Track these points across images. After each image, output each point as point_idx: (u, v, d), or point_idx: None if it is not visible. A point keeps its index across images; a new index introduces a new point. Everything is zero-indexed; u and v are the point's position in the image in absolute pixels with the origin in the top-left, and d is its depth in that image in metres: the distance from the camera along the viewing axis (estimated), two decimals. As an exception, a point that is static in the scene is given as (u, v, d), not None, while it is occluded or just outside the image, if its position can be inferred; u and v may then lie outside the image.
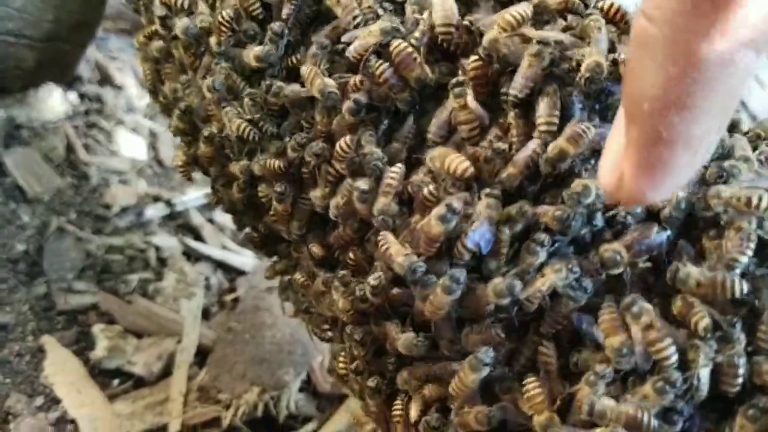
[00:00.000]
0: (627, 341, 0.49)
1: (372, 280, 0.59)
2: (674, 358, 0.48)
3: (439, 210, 0.54)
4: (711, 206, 0.50)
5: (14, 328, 1.09)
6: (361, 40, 0.60)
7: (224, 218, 1.43)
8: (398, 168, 0.59)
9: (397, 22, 0.59)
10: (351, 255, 0.65)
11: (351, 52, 0.61)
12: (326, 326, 0.74)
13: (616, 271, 0.51)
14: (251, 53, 0.65)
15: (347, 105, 0.60)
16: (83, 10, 1.19)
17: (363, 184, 0.59)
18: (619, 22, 0.58)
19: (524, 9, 0.55)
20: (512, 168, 0.54)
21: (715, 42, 0.33)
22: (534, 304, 0.53)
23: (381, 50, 0.59)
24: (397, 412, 0.65)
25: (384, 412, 0.68)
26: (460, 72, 0.59)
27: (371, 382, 0.67)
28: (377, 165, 0.59)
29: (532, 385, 0.54)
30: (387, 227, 0.59)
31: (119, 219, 1.33)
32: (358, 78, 0.60)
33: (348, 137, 0.60)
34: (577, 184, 0.52)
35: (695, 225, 0.53)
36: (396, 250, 0.56)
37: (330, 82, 0.61)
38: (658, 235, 0.51)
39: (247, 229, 0.83)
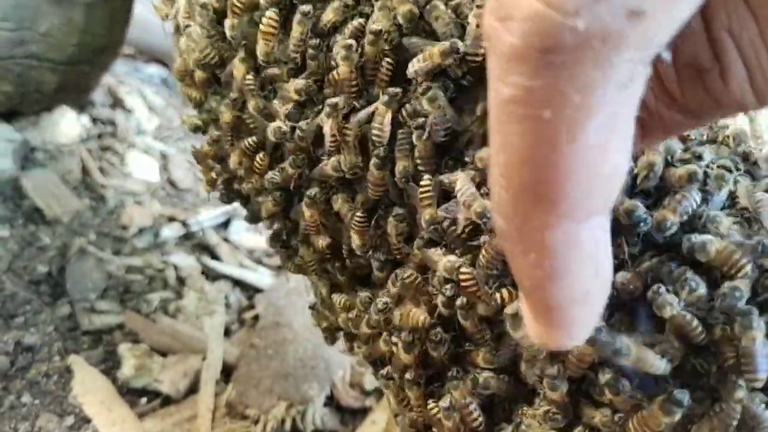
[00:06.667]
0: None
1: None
2: None
3: None
4: None
5: (41, 348, 1.10)
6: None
7: (239, 237, 1.45)
8: None
9: None
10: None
11: None
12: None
13: None
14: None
15: None
16: (107, 34, 1.21)
17: None
18: None
19: None
20: None
21: (554, 228, 0.32)
22: None
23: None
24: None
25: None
26: None
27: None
28: None
29: None
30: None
31: (137, 240, 1.34)
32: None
33: None
34: None
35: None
36: None
37: None
38: None
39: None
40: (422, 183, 0.60)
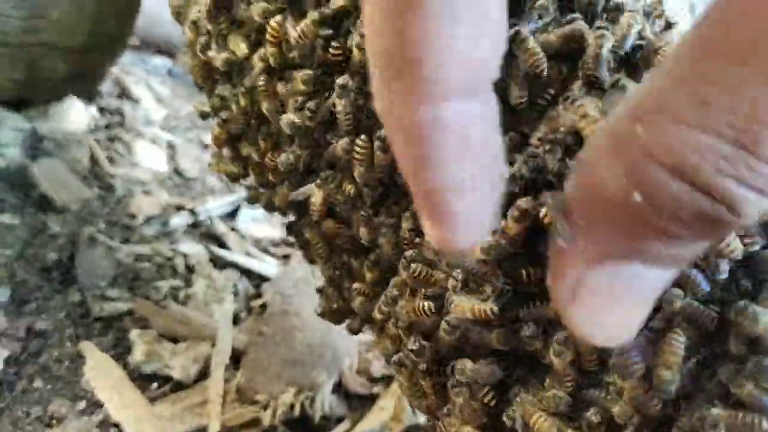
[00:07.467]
0: None
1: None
2: None
3: None
4: None
5: (52, 334, 1.11)
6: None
7: (247, 226, 1.46)
8: None
9: None
10: None
11: None
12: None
13: None
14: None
15: None
16: (118, 22, 1.22)
17: None
18: None
19: None
20: None
21: (416, 106, 0.33)
22: None
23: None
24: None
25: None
26: None
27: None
28: None
29: None
30: None
31: (145, 228, 1.35)
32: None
33: None
34: None
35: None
36: None
37: None
38: None
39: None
40: None
